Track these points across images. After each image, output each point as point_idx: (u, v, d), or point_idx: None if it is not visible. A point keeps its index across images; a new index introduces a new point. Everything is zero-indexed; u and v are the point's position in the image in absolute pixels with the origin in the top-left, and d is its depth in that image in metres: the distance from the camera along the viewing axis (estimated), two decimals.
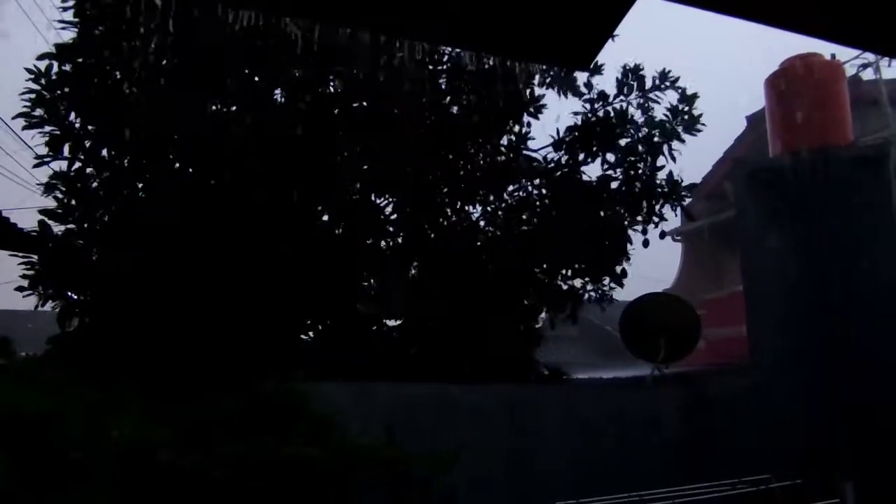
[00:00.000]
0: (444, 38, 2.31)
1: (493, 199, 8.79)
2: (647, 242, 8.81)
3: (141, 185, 7.32)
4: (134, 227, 6.77)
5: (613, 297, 9.17)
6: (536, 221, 8.74)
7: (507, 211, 8.88)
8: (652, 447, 6.90)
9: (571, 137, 8.71)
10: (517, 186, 8.88)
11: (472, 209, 8.78)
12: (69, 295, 6.80)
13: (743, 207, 8.27)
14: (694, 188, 9.08)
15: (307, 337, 7.92)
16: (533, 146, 8.85)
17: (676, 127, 8.72)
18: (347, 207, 8.00)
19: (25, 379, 4.36)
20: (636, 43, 8.71)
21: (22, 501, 3.57)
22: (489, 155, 8.68)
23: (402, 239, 8.48)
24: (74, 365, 5.39)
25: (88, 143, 7.06)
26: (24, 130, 6.92)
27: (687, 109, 8.73)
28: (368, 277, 8.29)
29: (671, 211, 8.93)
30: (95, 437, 3.78)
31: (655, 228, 8.88)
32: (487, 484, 6.09)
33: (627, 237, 8.75)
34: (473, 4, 1.75)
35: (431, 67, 7.98)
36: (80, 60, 6.97)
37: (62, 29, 7.02)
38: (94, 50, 6.97)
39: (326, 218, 8.16)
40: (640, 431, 7.04)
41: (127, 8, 6.38)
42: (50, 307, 6.81)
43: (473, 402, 6.66)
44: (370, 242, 8.22)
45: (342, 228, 8.11)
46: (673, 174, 8.71)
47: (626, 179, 8.74)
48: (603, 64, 8.67)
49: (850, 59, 10.21)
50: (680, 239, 18.00)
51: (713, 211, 14.90)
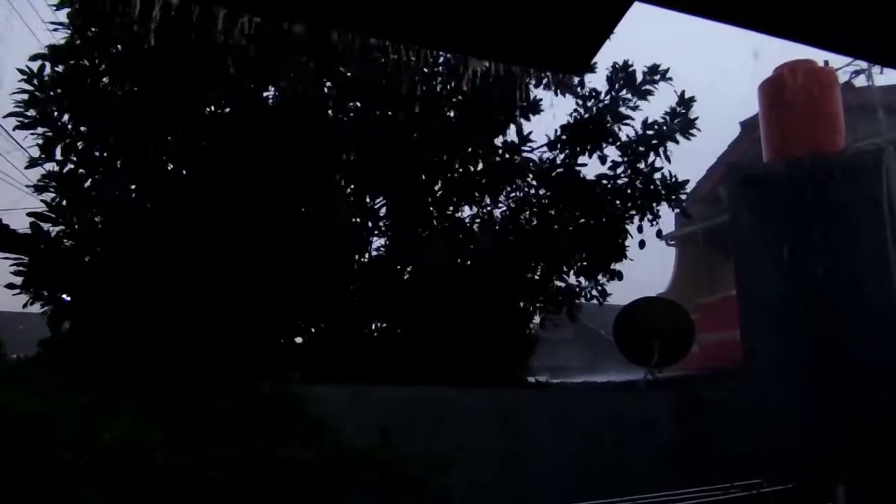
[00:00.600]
0: (438, 42, 2.32)
1: (488, 199, 8.79)
2: (643, 243, 8.85)
3: (134, 186, 7.30)
4: (127, 228, 6.75)
5: (608, 293, 9.17)
6: (533, 221, 8.75)
7: (503, 211, 8.89)
8: (645, 451, 6.91)
9: (566, 136, 8.74)
10: (513, 187, 8.89)
11: (467, 210, 8.80)
12: (61, 296, 6.77)
13: (736, 212, 8.31)
14: (687, 184, 9.12)
15: (302, 338, 7.91)
16: (529, 146, 8.88)
17: (674, 128, 8.77)
18: (341, 208, 7.99)
19: (17, 380, 4.34)
20: (631, 50, 8.77)
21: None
22: (485, 155, 8.69)
23: (396, 241, 8.47)
24: (66, 366, 5.37)
25: (81, 144, 7.03)
26: (15, 131, 6.91)
27: (684, 112, 8.78)
28: (362, 280, 8.28)
29: (669, 210, 9.00)
30: (88, 438, 3.76)
31: (652, 227, 8.92)
32: (482, 487, 6.09)
33: (625, 235, 8.78)
34: (468, 9, 1.76)
35: (426, 69, 7.99)
36: (72, 62, 6.95)
37: (55, 30, 7.01)
38: (87, 51, 6.95)
39: (321, 219, 8.14)
40: (633, 435, 7.05)
41: (120, 9, 6.36)
42: (41, 309, 6.77)
43: (468, 405, 6.66)
44: (364, 244, 8.22)
45: (335, 230, 8.09)
46: (671, 174, 8.77)
47: (630, 176, 8.78)
48: (595, 62, 8.69)
49: (842, 65, 10.29)
50: (674, 243, 18.06)
51: (707, 216, 14.96)
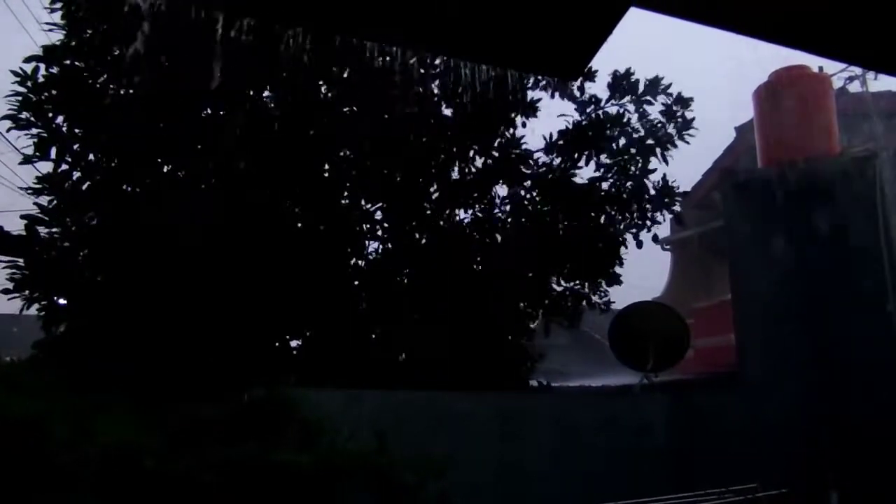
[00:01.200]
0: (435, 46, 2.33)
1: (485, 202, 8.79)
2: (640, 243, 8.85)
3: (129, 188, 7.27)
4: (122, 231, 6.72)
5: (611, 300, 9.16)
6: (529, 225, 8.75)
7: (499, 216, 8.88)
8: (641, 455, 6.92)
9: (564, 141, 8.74)
10: (511, 191, 8.89)
11: (463, 213, 8.79)
12: (55, 299, 6.74)
13: (731, 217, 8.33)
14: (686, 196, 9.10)
15: (298, 342, 7.89)
16: (525, 150, 8.88)
17: (669, 130, 8.74)
18: (337, 212, 7.97)
19: (10, 383, 4.31)
20: (627, 55, 8.79)
21: None
22: (482, 158, 8.69)
23: (392, 244, 8.46)
24: (61, 369, 5.34)
25: (76, 146, 7.01)
26: (9, 132, 6.88)
27: (681, 112, 8.76)
28: (358, 283, 8.26)
29: (664, 215, 8.98)
30: (81, 441, 3.74)
31: (648, 233, 8.91)
32: (477, 491, 6.08)
33: (620, 241, 8.78)
34: (464, 15, 1.76)
35: (423, 70, 7.99)
36: (67, 63, 6.93)
37: (49, 31, 7.00)
38: (82, 53, 6.93)
39: (316, 222, 8.13)
40: (629, 439, 7.05)
41: (115, 11, 6.35)
42: (35, 311, 6.74)
43: (463, 409, 6.66)
44: (360, 248, 8.21)
45: (332, 233, 8.08)
46: (667, 178, 8.74)
47: (615, 181, 8.75)
48: (596, 70, 8.72)
49: (837, 71, 10.32)
50: (669, 248, 18.08)
51: (702, 220, 14.98)
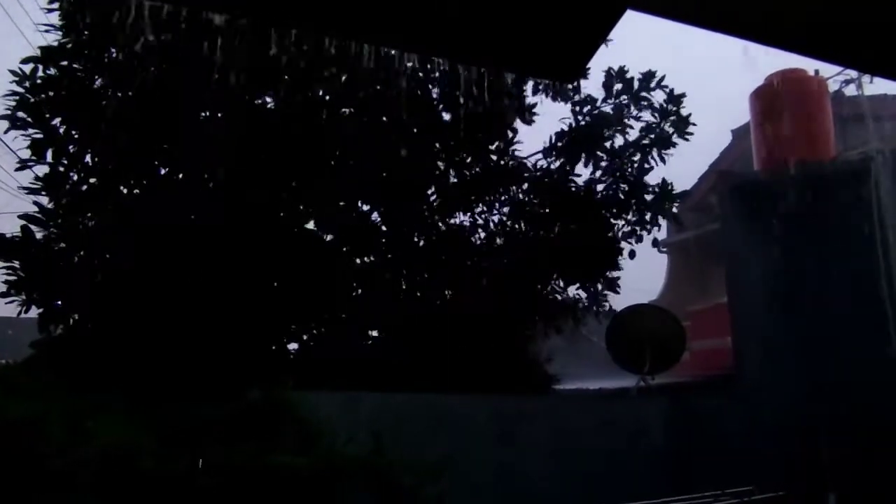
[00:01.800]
0: (433, 49, 2.33)
1: (483, 206, 8.79)
2: (633, 254, 8.79)
3: (126, 190, 7.27)
4: (119, 232, 6.71)
5: (611, 306, 9.11)
6: (527, 228, 8.74)
7: (498, 218, 8.88)
8: (637, 458, 6.92)
9: (562, 143, 8.72)
10: (510, 195, 8.89)
11: (462, 217, 8.78)
12: (51, 301, 6.72)
13: (728, 220, 8.35)
14: (685, 195, 9.01)
15: (297, 345, 7.88)
16: (524, 152, 8.89)
17: (667, 129, 8.66)
18: (335, 215, 7.97)
19: (7, 384, 4.30)
20: (624, 58, 8.83)
21: None
22: (480, 161, 8.69)
23: (391, 247, 8.46)
24: (57, 371, 5.33)
25: (72, 147, 7.00)
26: (6, 133, 6.86)
27: (675, 110, 8.64)
28: (356, 286, 8.26)
29: (662, 218, 8.93)
30: (79, 443, 3.73)
31: (649, 235, 8.86)
32: (474, 494, 6.07)
33: (617, 244, 8.75)
34: (462, 17, 1.77)
35: (422, 74, 8.00)
36: (64, 64, 6.93)
37: (46, 32, 6.99)
38: (79, 54, 6.93)
39: (314, 225, 8.13)
40: (625, 442, 7.05)
41: (113, 12, 6.35)
42: (31, 313, 6.72)
43: (461, 412, 6.65)
44: (359, 251, 8.21)
45: (330, 236, 8.09)
46: (666, 181, 8.66)
47: (611, 183, 8.73)
48: (589, 68, 8.68)
49: (833, 74, 10.37)
50: (666, 250, 18.10)
51: (699, 223, 15.02)
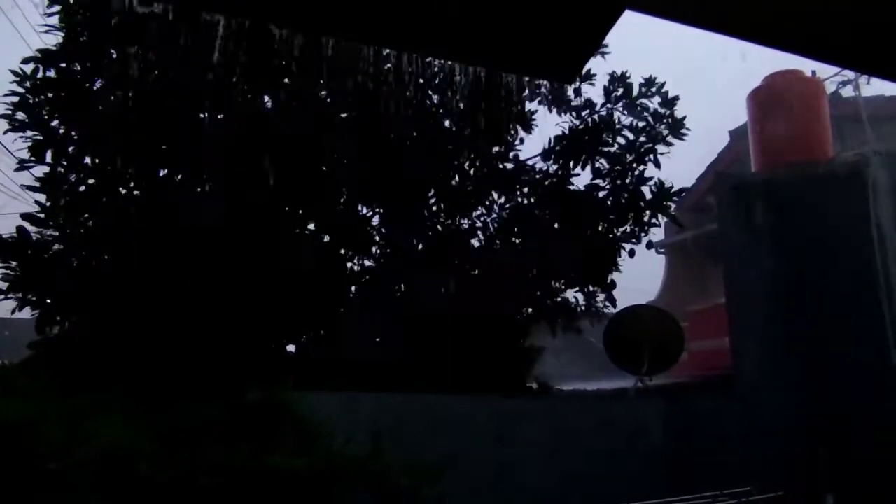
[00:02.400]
0: (432, 49, 2.33)
1: (483, 209, 8.80)
2: (632, 253, 8.83)
3: (124, 192, 7.26)
4: (117, 233, 6.71)
5: (605, 310, 9.13)
6: (527, 232, 8.75)
7: (497, 221, 8.89)
8: (636, 459, 6.93)
9: (560, 147, 8.74)
10: (508, 198, 8.91)
11: (462, 220, 8.78)
12: (49, 301, 6.71)
13: (725, 221, 8.37)
14: (682, 193, 9.00)
15: (295, 345, 7.87)
16: (523, 156, 8.92)
17: (661, 131, 8.70)
18: (335, 217, 7.97)
19: (4, 386, 4.29)
20: (620, 57, 8.84)
21: None
22: (480, 165, 8.70)
23: (390, 249, 8.46)
24: (54, 372, 5.32)
25: (71, 149, 6.99)
26: (5, 134, 6.86)
27: (669, 113, 8.68)
28: (356, 288, 8.26)
29: (659, 220, 8.95)
30: (76, 444, 3.72)
31: (645, 237, 8.88)
32: (473, 495, 6.07)
33: (616, 248, 8.77)
34: (461, 18, 1.77)
35: (422, 79, 8.01)
36: (64, 65, 6.93)
37: (45, 33, 6.99)
38: (78, 55, 6.93)
39: (314, 227, 8.13)
40: (624, 443, 7.06)
41: (112, 14, 6.35)
42: (28, 314, 6.71)
43: (460, 413, 6.65)
44: (357, 253, 8.21)
45: (330, 238, 8.08)
46: (663, 183, 8.68)
47: (612, 189, 8.76)
48: (595, 74, 8.73)
49: (830, 75, 10.40)
50: (664, 251, 18.13)
51: (697, 223, 15.04)
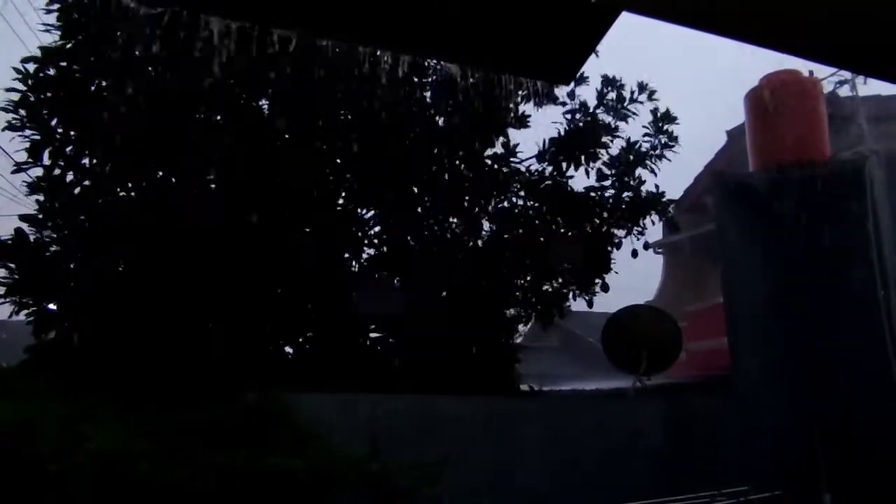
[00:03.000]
0: (430, 50, 2.33)
1: (477, 211, 8.82)
2: (635, 253, 8.92)
3: (122, 193, 7.24)
4: (115, 235, 6.69)
5: (596, 292, 9.20)
6: (521, 233, 8.78)
7: (492, 223, 8.91)
8: (633, 459, 6.93)
9: (555, 148, 8.79)
10: (502, 199, 8.93)
11: (456, 221, 8.80)
12: (46, 304, 6.69)
13: (723, 221, 8.37)
14: (672, 203, 9.21)
15: (292, 347, 7.86)
16: (517, 157, 8.92)
17: (658, 143, 8.93)
18: (330, 219, 7.97)
19: (0, 388, 4.28)
20: (618, 55, 8.84)
21: None
22: (474, 167, 8.72)
23: (385, 251, 8.46)
24: (51, 375, 5.30)
25: (70, 149, 6.98)
26: (3, 132, 6.83)
27: (667, 129, 8.95)
28: (351, 289, 8.25)
29: (657, 222, 9.07)
30: (72, 448, 3.71)
31: (639, 240, 8.99)
32: (470, 496, 6.07)
33: (612, 248, 8.83)
34: (458, 21, 1.77)
35: (417, 79, 8.01)
36: (63, 65, 6.91)
37: (44, 32, 6.98)
38: (78, 55, 6.91)
39: (309, 229, 8.12)
40: (622, 443, 7.06)
41: (111, 13, 6.34)
42: (24, 317, 6.68)
43: (456, 414, 6.65)
44: (354, 254, 8.20)
45: (325, 240, 8.07)
46: (658, 187, 8.87)
47: (618, 190, 8.86)
48: (588, 77, 8.78)
49: (827, 75, 10.43)
50: (662, 251, 18.16)
51: (694, 224, 15.06)
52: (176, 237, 6.60)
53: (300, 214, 7.84)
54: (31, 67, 6.73)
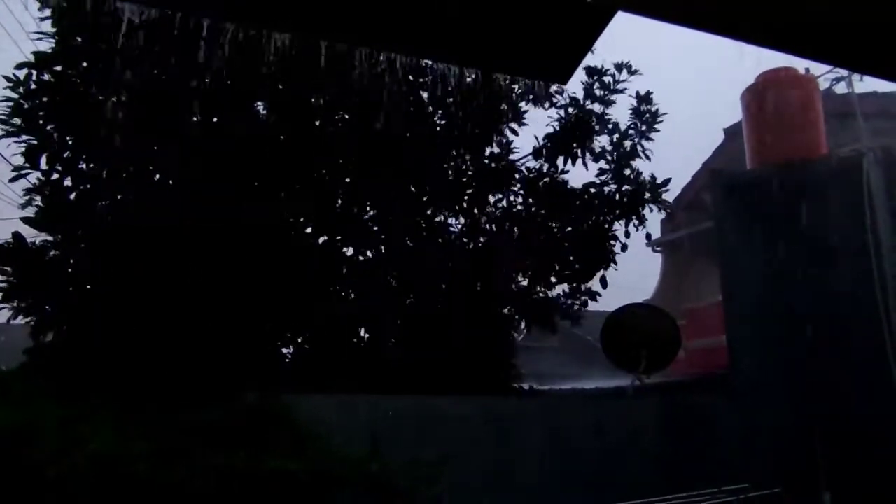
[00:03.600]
0: (428, 50, 2.34)
1: (475, 209, 8.82)
2: (625, 247, 8.95)
3: (120, 197, 7.23)
4: (113, 238, 6.68)
5: (588, 304, 9.23)
6: (519, 230, 8.78)
7: (490, 221, 8.91)
8: (632, 457, 6.93)
9: (551, 144, 8.81)
10: (501, 197, 8.94)
11: (454, 220, 8.81)
12: (45, 308, 6.68)
13: (720, 218, 8.39)
14: (668, 182, 9.23)
15: (290, 349, 7.86)
16: (514, 155, 8.94)
17: (642, 125, 8.99)
18: (329, 219, 7.97)
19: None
20: (615, 56, 8.87)
21: None
22: (472, 165, 8.72)
23: (384, 249, 8.46)
24: (50, 378, 5.30)
25: (67, 154, 6.97)
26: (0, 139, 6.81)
27: (647, 108, 9.00)
28: (350, 289, 8.25)
29: (655, 212, 9.09)
30: (71, 450, 3.71)
31: (639, 231, 9.01)
32: (469, 495, 6.07)
33: (611, 241, 8.85)
34: (457, 20, 1.77)
35: (414, 79, 8.01)
36: (58, 70, 6.90)
37: (39, 39, 6.96)
38: (73, 60, 6.90)
39: (309, 230, 8.12)
40: (621, 442, 7.07)
41: (106, 18, 6.33)
42: (22, 320, 6.67)
43: (455, 413, 6.65)
44: (352, 254, 8.20)
45: (324, 240, 8.07)
46: (653, 176, 8.87)
47: (618, 183, 8.90)
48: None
49: (823, 73, 10.45)
50: (661, 249, 18.18)
51: (692, 222, 15.09)
52: (174, 239, 6.59)
53: (299, 216, 7.84)
54: (23, 74, 6.71)
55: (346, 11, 1.77)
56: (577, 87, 9.22)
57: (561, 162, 8.84)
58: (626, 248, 8.93)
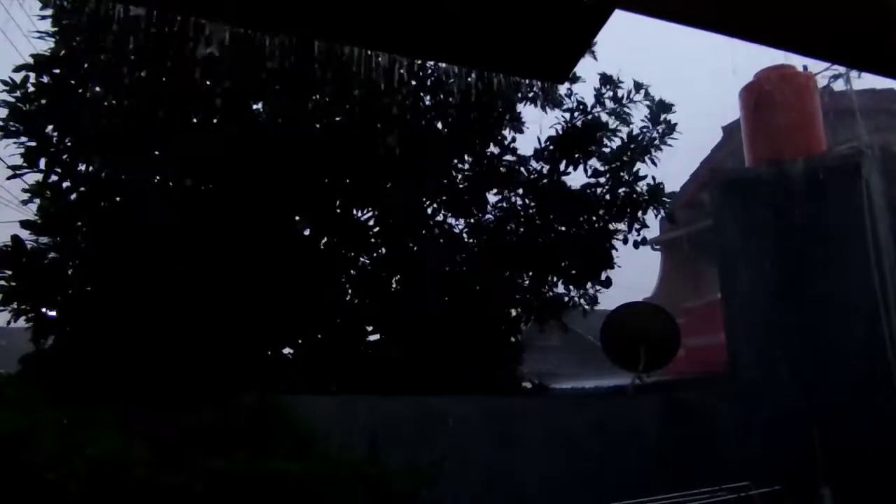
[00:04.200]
0: (425, 51, 2.33)
1: (476, 210, 8.81)
2: (635, 244, 8.92)
3: (119, 199, 7.22)
4: (112, 240, 6.67)
5: (597, 301, 9.19)
6: (521, 231, 8.77)
7: (491, 222, 8.91)
8: (633, 456, 6.93)
9: (553, 147, 8.80)
10: (501, 197, 8.93)
11: (455, 221, 8.80)
12: (44, 311, 6.67)
13: (720, 216, 8.38)
14: (674, 196, 9.18)
15: (291, 350, 7.85)
16: (515, 157, 8.91)
17: (653, 135, 8.89)
18: (329, 220, 7.96)
19: None
20: (614, 53, 8.84)
21: None
22: (473, 167, 8.71)
23: (384, 251, 8.45)
24: (49, 382, 5.29)
25: (66, 156, 6.95)
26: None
27: (665, 119, 8.89)
28: (350, 290, 8.24)
29: (654, 217, 9.06)
30: (70, 454, 3.70)
31: (638, 235, 8.96)
32: (470, 496, 6.07)
33: (612, 244, 8.83)
34: (454, 20, 1.77)
35: (414, 82, 8.00)
36: (57, 72, 6.89)
37: (38, 39, 6.95)
38: (72, 62, 6.89)
39: (308, 231, 8.11)
40: (621, 440, 7.06)
41: (105, 19, 6.32)
42: (23, 323, 6.66)
43: (456, 413, 6.64)
44: (352, 255, 8.19)
45: (324, 241, 8.06)
46: (656, 180, 8.83)
47: (611, 187, 8.83)
48: (580, 77, 8.77)
49: (821, 70, 10.43)
50: (659, 248, 18.16)
51: (691, 220, 15.07)
52: (174, 241, 6.58)
53: (300, 216, 7.84)
54: (19, 77, 6.69)
55: (343, 13, 1.77)
56: (584, 90, 9.18)
57: (562, 165, 8.83)
58: (634, 244, 8.91)
